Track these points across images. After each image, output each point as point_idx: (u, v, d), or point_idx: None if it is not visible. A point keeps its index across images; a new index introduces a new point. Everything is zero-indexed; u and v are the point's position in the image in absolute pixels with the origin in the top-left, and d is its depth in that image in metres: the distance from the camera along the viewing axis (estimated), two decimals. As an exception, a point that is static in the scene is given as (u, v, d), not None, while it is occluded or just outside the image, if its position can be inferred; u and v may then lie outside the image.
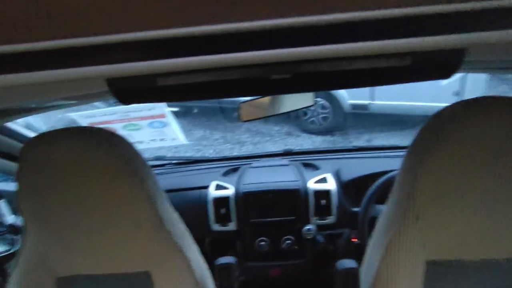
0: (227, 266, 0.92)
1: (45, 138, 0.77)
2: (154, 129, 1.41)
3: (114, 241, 0.80)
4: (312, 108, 5.38)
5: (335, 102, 5.25)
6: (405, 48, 0.38)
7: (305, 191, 1.39)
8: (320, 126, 5.49)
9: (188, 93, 0.50)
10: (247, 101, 1.06)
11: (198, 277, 0.84)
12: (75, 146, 0.75)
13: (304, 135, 5.46)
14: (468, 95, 0.85)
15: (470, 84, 4.23)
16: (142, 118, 1.30)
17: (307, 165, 1.57)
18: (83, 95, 0.72)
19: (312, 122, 5.52)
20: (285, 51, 0.38)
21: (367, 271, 0.89)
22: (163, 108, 1.32)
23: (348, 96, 5.17)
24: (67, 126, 0.80)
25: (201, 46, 0.38)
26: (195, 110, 6.07)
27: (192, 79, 0.43)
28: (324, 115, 5.41)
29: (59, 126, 0.84)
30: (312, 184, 1.40)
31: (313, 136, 5.37)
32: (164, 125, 1.35)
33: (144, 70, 0.42)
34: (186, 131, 5.12)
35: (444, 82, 4.16)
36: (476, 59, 0.54)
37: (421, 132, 0.80)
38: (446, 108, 0.77)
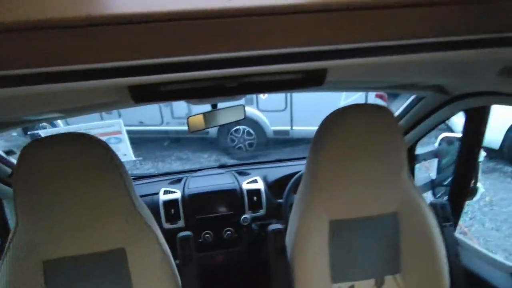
0: (186, 237, 1.17)
1: (40, 142, 0.98)
2: (110, 145, 1.61)
3: (96, 225, 0.99)
4: (238, 135, 5.81)
5: (259, 129, 5.75)
6: (297, 68, 0.74)
7: (240, 190, 1.71)
8: (247, 152, 5.92)
9: (186, 94, 0.79)
10: (193, 115, 1.36)
11: (164, 249, 1.08)
12: (65, 148, 0.96)
13: (232, 161, 5.81)
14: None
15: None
16: (101, 135, 1.50)
17: (239, 173, 1.90)
18: (105, 103, 0.95)
19: (239, 148, 5.94)
20: (232, 70, 0.71)
21: (290, 232, 1.22)
22: (120, 126, 1.54)
23: (271, 124, 5.71)
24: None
25: (184, 67, 0.69)
26: (124, 141, 6.04)
27: (185, 86, 0.73)
28: (249, 142, 5.87)
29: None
30: (245, 185, 1.73)
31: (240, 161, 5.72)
32: (119, 141, 1.56)
33: (150, 81, 0.71)
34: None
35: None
36: (337, 79, 0.92)
37: (318, 130, 1.18)
38: (333, 112, 1.16)
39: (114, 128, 1.50)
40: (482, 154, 1.77)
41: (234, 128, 5.80)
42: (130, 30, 0.60)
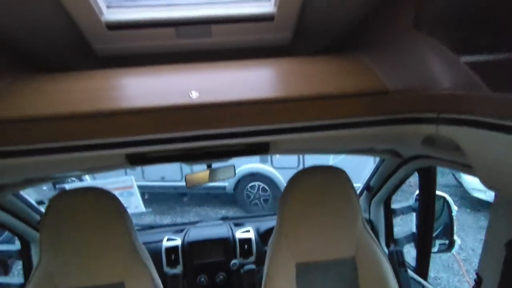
0: (175, 275, 1.40)
1: (64, 194, 1.28)
2: (123, 198, 1.91)
3: (101, 261, 1.25)
4: (253, 192, 6.05)
5: (273, 186, 5.98)
6: (247, 141, 1.03)
7: (233, 239, 1.94)
8: (262, 208, 6.11)
9: (165, 159, 1.09)
10: (190, 174, 1.65)
11: (157, 285, 1.32)
12: (82, 199, 1.25)
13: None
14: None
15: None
16: (116, 189, 1.81)
17: (236, 224, 2.14)
18: (110, 165, 1.26)
19: (255, 204, 6.14)
20: (200, 143, 1.01)
21: (263, 273, 1.43)
22: (132, 181, 1.85)
23: (285, 180, 5.93)
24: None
25: (167, 141, 1.00)
26: (146, 197, 6.39)
27: (166, 154, 1.04)
28: (264, 198, 6.08)
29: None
30: (238, 234, 1.96)
31: (256, 217, 5.87)
32: (131, 194, 1.86)
33: (142, 150, 1.02)
34: (136, 217, 5.43)
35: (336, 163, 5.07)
36: (278, 147, 1.19)
37: (285, 187, 1.43)
38: (296, 172, 1.43)
39: (126, 183, 1.81)
40: (455, 208, 1.96)
41: (250, 185, 6.05)
42: (126, 118, 0.93)
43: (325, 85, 1.01)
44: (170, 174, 6.21)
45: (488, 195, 4.78)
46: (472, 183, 4.90)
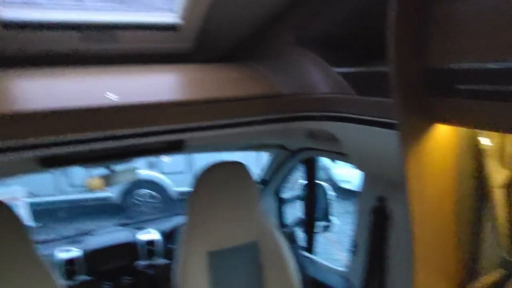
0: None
1: None
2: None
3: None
4: (142, 200, 5.88)
5: (163, 192, 5.92)
6: (163, 139, 1.12)
7: (135, 242, 1.94)
8: (153, 216, 5.96)
9: (84, 161, 1.09)
10: (91, 177, 1.62)
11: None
12: None
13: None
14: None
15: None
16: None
17: (137, 228, 2.14)
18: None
19: (144, 212, 5.96)
20: (124, 141, 1.05)
21: (175, 267, 1.51)
22: (22, 192, 1.68)
23: (174, 184, 5.93)
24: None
25: (84, 142, 1.02)
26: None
27: (85, 155, 1.04)
28: (154, 204, 5.95)
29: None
30: (141, 236, 1.98)
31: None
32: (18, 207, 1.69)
33: (58, 152, 1.01)
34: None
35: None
36: (193, 144, 1.31)
37: (194, 180, 1.53)
38: (204, 168, 1.55)
39: (16, 194, 1.64)
40: (332, 194, 2.33)
41: (137, 192, 5.86)
42: (42, 120, 0.93)
43: (232, 89, 1.17)
44: (39, 189, 5.50)
45: (352, 185, 5.65)
46: (339, 176, 5.72)
